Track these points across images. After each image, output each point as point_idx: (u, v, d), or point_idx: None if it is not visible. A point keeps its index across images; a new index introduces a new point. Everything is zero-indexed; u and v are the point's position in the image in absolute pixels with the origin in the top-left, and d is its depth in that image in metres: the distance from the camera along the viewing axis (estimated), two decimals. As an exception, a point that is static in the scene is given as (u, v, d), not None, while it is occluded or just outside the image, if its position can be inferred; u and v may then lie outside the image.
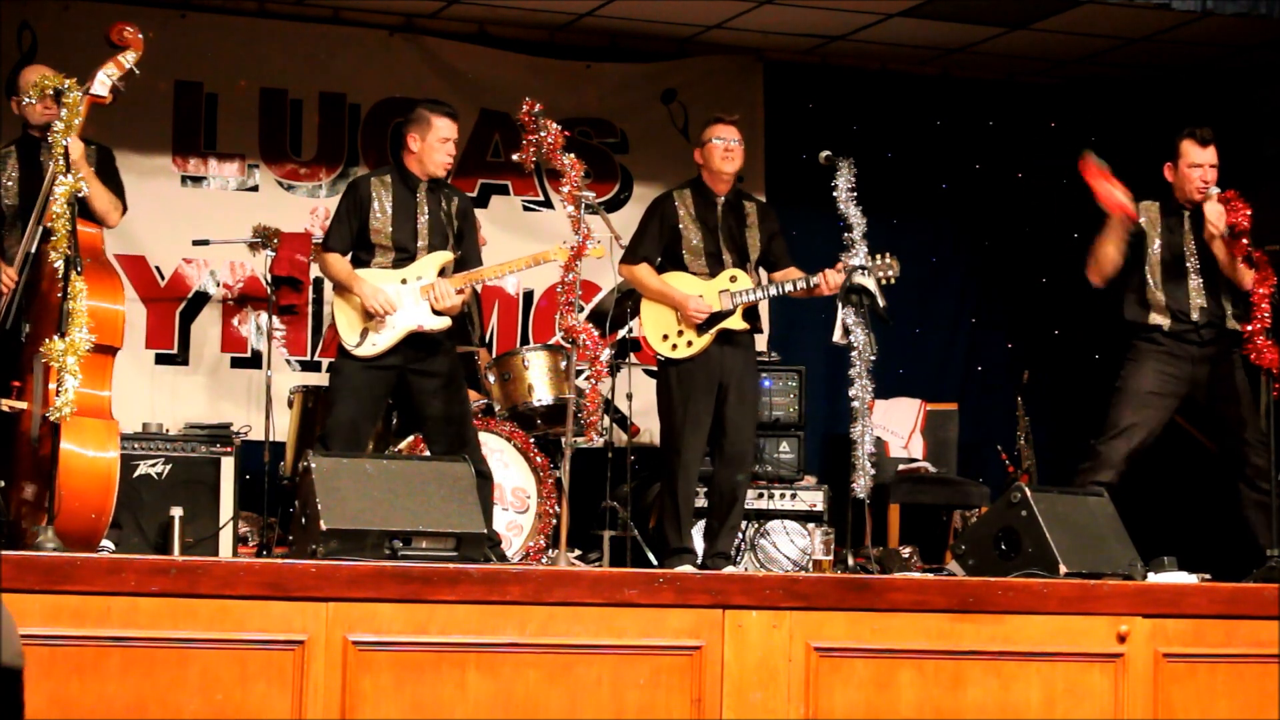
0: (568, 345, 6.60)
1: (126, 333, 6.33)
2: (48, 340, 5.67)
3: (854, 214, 7.03)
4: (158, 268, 9.04)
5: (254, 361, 9.09)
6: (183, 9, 9.08)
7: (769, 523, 8.76)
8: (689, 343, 7.38)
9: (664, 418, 7.50)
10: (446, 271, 7.21)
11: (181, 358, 9.08)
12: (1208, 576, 6.72)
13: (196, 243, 8.85)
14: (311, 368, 9.15)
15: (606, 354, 7.77)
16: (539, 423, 8.29)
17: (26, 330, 6.26)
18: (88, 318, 5.67)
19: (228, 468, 7.82)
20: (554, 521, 8.02)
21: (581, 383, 7.27)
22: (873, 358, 6.88)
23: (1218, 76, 9.85)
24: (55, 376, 5.61)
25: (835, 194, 7.04)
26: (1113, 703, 5.72)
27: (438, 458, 6.92)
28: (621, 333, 8.41)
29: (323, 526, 5.66)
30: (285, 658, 4.99)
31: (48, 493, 5.63)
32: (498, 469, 8.01)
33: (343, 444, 6.93)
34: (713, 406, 7.41)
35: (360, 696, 5.04)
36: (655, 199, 7.70)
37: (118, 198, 6.85)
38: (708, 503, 7.58)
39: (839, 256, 7.09)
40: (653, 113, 9.86)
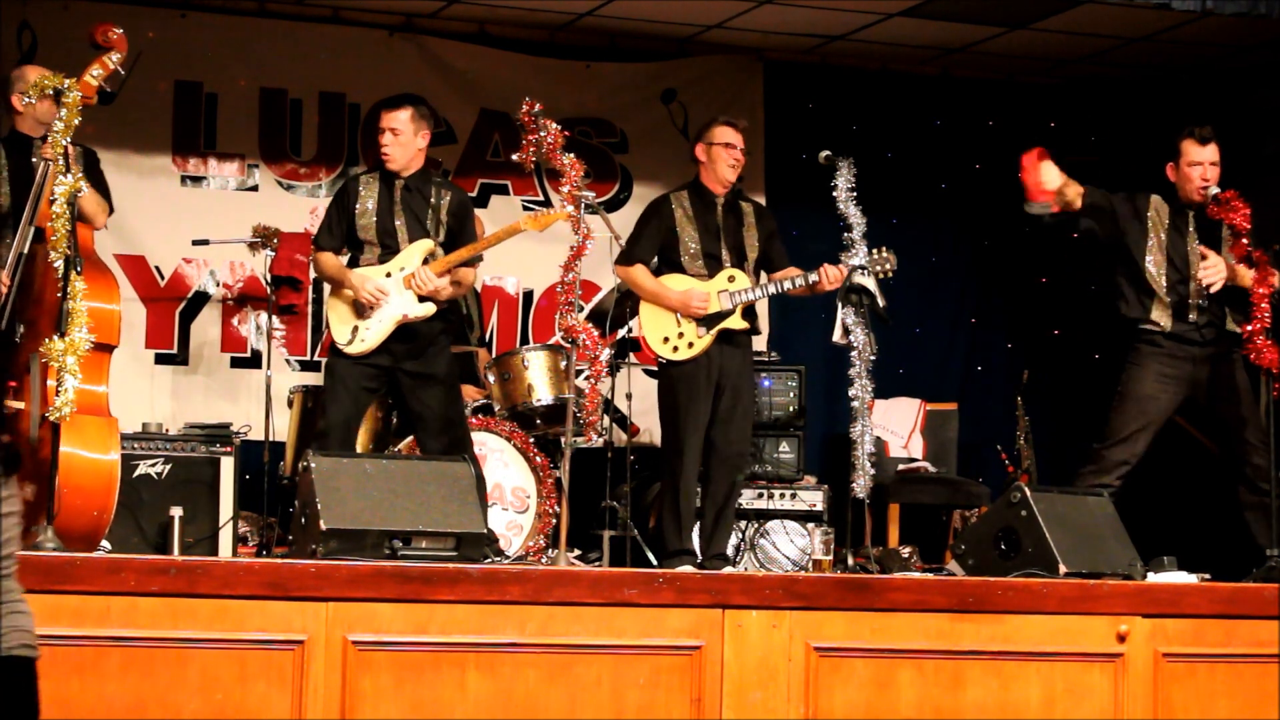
0: (567, 345, 6.60)
1: (126, 333, 6.33)
2: (47, 340, 5.67)
3: (854, 214, 7.04)
4: (157, 268, 9.04)
5: (254, 361, 9.09)
6: (183, 9, 9.07)
7: (769, 523, 8.74)
8: (690, 344, 7.37)
9: (665, 420, 7.48)
10: (431, 260, 7.21)
11: (181, 358, 9.07)
12: (1208, 576, 6.72)
13: (196, 242, 8.84)
14: (311, 368, 9.13)
15: (606, 354, 7.76)
16: (539, 422, 8.28)
17: (21, 331, 6.25)
18: (86, 318, 5.67)
19: (227, 468, 7.82)
20: (554, 521, 8.01)
21: (581, 383, 7.27)
22: (872, 357, 6.89)
23: (1218, 76, 9.84)
24: (54, 376, 5.61)
25: (835, 194, 7.04)
26: (1112, 703, 5.72)
27: (438, 458, 6.91)
28: (621, 333, 8.39)
29: (322, 526, 5.65)
30: (285, 658, 4.99)
31: (47, 493, 5.63)
32: (498, 469, 8.01)
33: (339, 444, 6.95)
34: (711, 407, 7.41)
35: (360, 696, 5.05)
36: (652, 201, 7.68)
37: (104, 199, 6.85)
38: (701, 503, 7.57)
39: (839, 256, 7.10)
40: (653, 113, 9.85)
